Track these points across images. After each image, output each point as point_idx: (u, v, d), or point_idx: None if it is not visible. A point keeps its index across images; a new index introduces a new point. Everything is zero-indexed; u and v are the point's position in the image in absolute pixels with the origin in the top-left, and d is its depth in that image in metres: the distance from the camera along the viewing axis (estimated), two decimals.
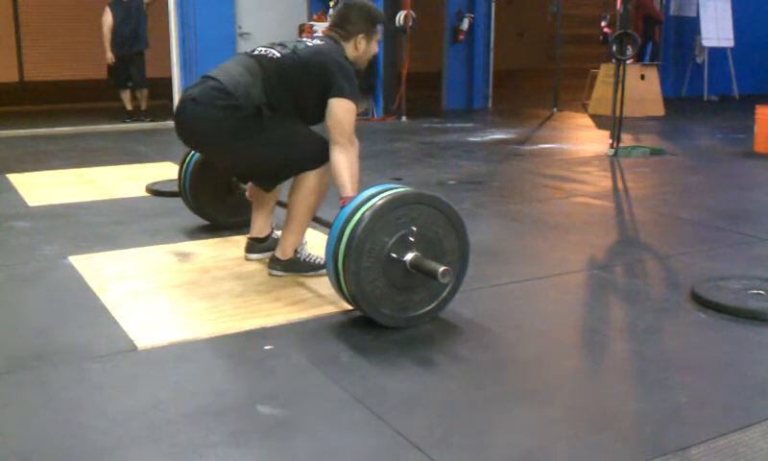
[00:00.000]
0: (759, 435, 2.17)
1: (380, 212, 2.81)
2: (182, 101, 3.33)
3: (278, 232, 3.69)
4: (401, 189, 2.96)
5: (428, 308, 2.97)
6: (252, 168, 3.49)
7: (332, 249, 2.86)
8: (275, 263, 3.51)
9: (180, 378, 2.54)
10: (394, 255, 2.85)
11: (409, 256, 2.85)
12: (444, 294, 3.00)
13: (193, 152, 4.10)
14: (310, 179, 3.36)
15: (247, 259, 3.74)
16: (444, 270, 2.76)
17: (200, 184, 4.19)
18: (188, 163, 4.17)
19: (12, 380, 2.50)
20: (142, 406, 2.32)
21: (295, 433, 2.18)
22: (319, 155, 3.32)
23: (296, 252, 3.49)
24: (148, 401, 2.35)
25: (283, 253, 3.49)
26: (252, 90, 3.23)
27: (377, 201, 2.84)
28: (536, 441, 2.15)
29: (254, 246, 3.75)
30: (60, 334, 2.86)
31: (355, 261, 2.77)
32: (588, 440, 2.16)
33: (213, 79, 3.27)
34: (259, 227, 3.75)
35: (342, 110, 3.23)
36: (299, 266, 3.50)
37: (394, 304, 2.90)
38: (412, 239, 2.86)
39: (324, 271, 3.38)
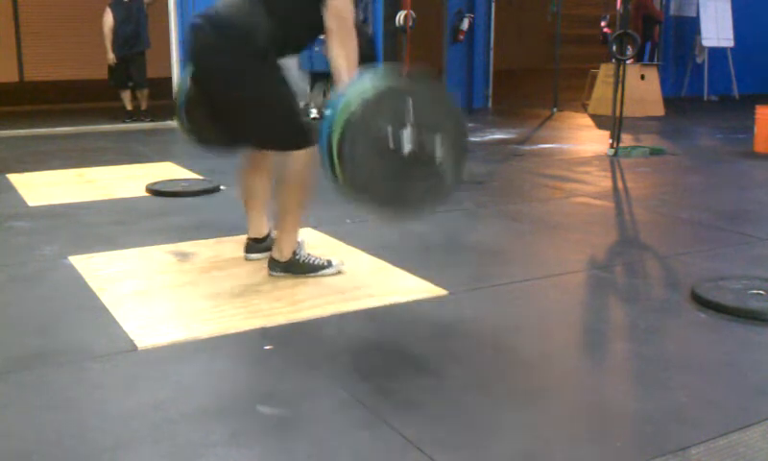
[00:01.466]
0: (759, 435, 2.17)
1: (376, 99, 2.76)
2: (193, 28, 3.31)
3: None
4: (397, 79, 2.90)
5: (426, 198, 2.92)
6: (245, 116, 3.38)
7: (326, 135, 2.78)
8: (273, 264, 3.50)
9: (180, 378, 2.54)
10: (389, 141, 2.77)
11: (406, 140, 2.78)
12: (443, 184, 2.92)
13: (188, 74, 3.76)
14: (294, 172, 3.32)
15: (247, 259, 3.74)
16: (442, 155, 2.72)
17: (196, 107, 3.75)
18: (184, 86, 3.83)
19: (12, 380, 2.50)
20: (142, 406, 2.32)
21: (295, 433, 2.18)
22: (307, 135, 3.30)
23: (294, 253, 3.49)
24: (148, 401, 2.35)
25: (281, 253, 3.47)
26: (255, 20, 3.19)
27: (372, 89, 2.78)
28: (536, 441, 2.15)
29: (254, 246, 3.75)
30: (60, 334, 2.86)
31: (350, 147, 2.71)
32: (588, 440, 2.16)
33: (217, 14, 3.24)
34: (256, 227, 3.74)
35: (342, 3, 3.18)
36: (298, 267, 3.48)
37: (389, 192, 2.84)
38: (408, 126, 2.78)
39: (325, 271, 3.37)
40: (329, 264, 3.49)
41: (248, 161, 3.64)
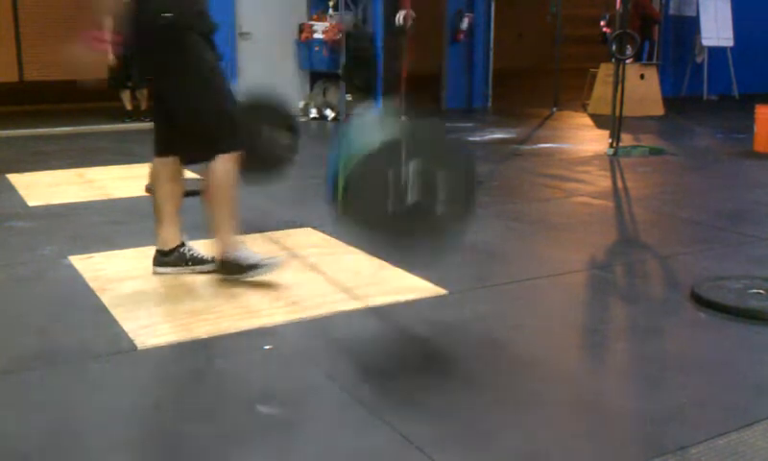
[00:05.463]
0: (759, 435, 2.17)
1: (379, 153, 2.78)
2: None
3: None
4: (400, 128, 2.90)
5: (432, 238, 2.94)
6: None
7: (332, 185, 2.84)
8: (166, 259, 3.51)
9: (180, 378, 2.54)
10: (393, 193, 2.79)
11: (410, 191, 2.79)
12: (448, 224, 2.94)
13: None
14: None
15: (155, 273, 3.54)
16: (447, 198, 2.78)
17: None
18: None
19: (12, 380, 2.50)
20: (142, 406, 2.32)
21: (295, 433, 2.18)
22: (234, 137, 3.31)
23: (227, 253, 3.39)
24: (148, 401, 2.35)
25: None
26: None
27: (376, 142, 2.81)
28: (536, 441, 2.15)
29: (160, 259, 3.58)
30: (61, 334, 2.86)
31: (355, 199, 2.78)
32: (587, 440, 2.16)
33: None
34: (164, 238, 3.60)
35: None
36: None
37: (396, 236, 2.86)
38: (411, 177, 2.79)
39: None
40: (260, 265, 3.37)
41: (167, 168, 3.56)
